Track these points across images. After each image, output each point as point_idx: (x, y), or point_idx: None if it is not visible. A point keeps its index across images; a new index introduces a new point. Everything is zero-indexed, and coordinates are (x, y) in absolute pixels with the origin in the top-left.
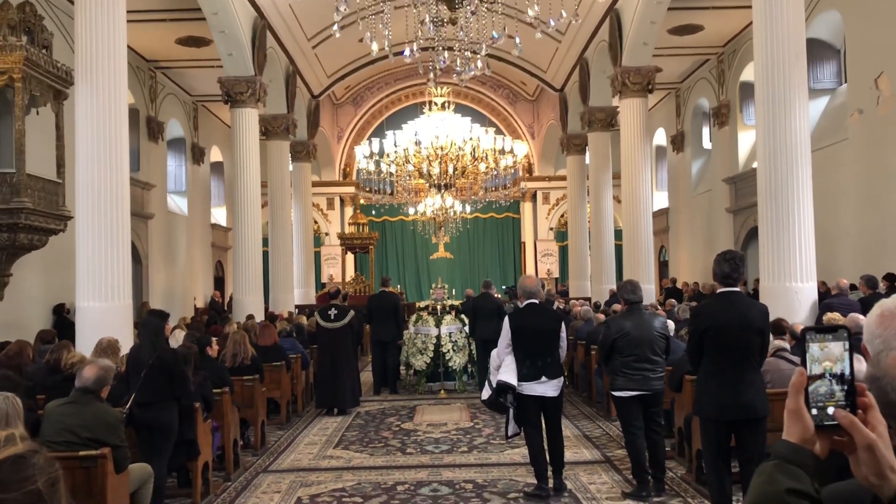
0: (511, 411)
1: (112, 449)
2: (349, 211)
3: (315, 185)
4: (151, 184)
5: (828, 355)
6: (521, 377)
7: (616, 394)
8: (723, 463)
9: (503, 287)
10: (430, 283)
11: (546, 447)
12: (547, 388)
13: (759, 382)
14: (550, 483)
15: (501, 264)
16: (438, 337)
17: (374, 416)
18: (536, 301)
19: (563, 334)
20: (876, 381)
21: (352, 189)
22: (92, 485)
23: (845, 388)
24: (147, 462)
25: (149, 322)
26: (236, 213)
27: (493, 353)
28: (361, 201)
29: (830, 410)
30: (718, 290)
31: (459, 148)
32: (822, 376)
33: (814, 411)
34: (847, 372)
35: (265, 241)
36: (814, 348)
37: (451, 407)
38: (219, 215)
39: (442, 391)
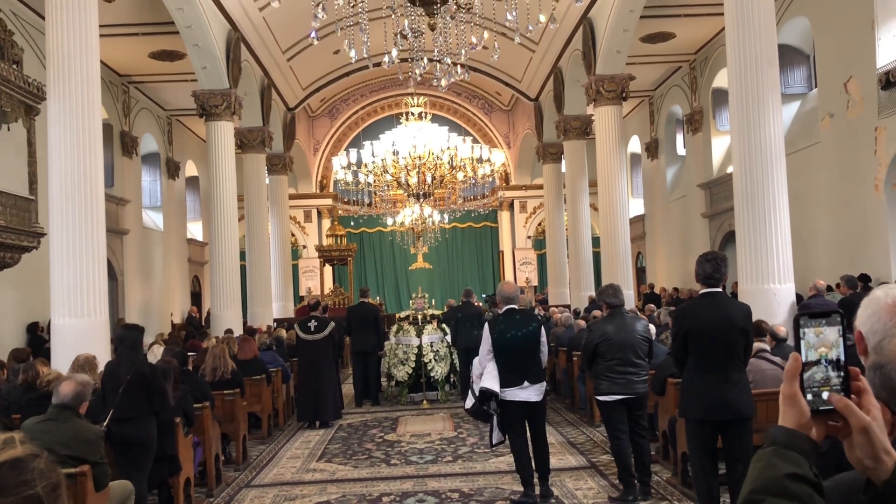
0: (495, 419)
1: (92, 466)
2: (327, 223)
3: (292, 197)
4: (126, 199)
5: (823, 341)
6: (504, 383)
7: (600, 398)
8: (710, 464)
9: (483, 296)
10: (409, 294)
11: (531, 454)
12: (530, 393)
13: (744, 382)
14: (537, 490)
15: (480, 273)
16: (420, 347)
17: (356, 428)
18: (515, 306)
19: (544, 339)
20: (879, 368)
21: (329, 201)
22: (72, 503)
23: (841, 373)
24: (127, 479)
25: (125, 336)
26: (213, 227)
27: (475, 360)
28: (339, 213)
29: (825, 395)
30: (701, 291)
31: (437, 157)
32: (817, 362)
33: (809, 397)
34: (842, 357)
35: (242, 255)
36: (809, 335)
37: (434, 417)
38: (195, 230)
39: (424, 401)
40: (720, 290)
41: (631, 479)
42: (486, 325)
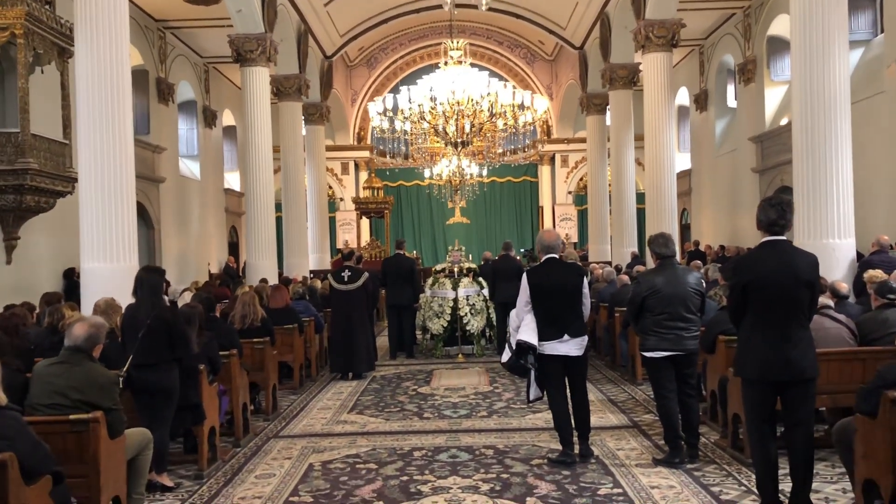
0: (532, 373)
1: (105, 412)
2: (364, 175)
3: (329, 149)
4: (162, 147)
5: None
6: (543, 336)
7: (647, 354)
8: (767, 428)
9: (521, 251)
10: (446, 248)
11: (570, 411)
12: (570, 347)
13: (807, 340)
14: (576, 449)
15: (519, 229)
16: (455, 300)
17: (389, 380)
18: (556, 256)
19: (586, 290)
20: None
21: (366, 153)
22: (84, 450)
23: None
24: (148, 427)
25: (145, 279)
26: (249, 176)
27: (512, 312)
28: (377, 165)
29: None
30: (763, 239)
31: (476, 103)
32: None
33: None
34: None
35: (279, 207)
36: None
37: (469, 371)
38: (232, 180)
39: (460, 355)
40: (785, 238)
41: (678, 440)
42: (525, 274)
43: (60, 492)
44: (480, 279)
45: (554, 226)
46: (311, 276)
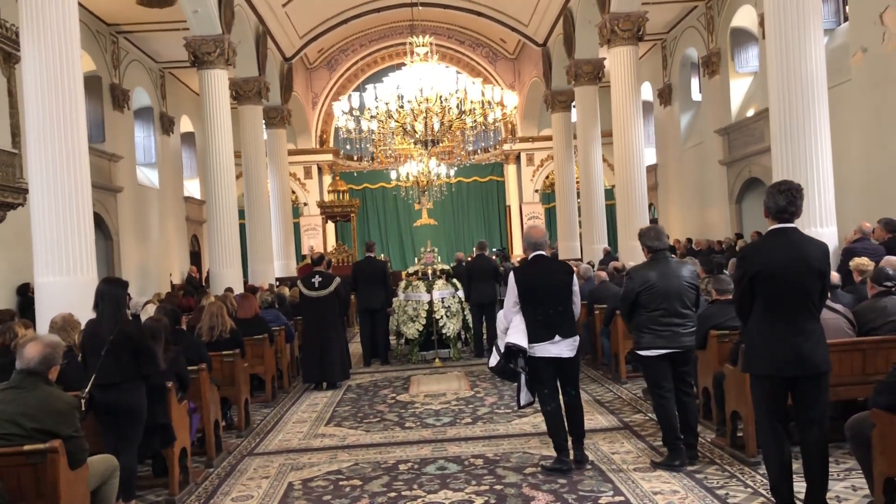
0: (523, 377)
1: (65, 440)
2: (328, 179)
3: (291, 153)
4: (119, 155)
5: None
6: (533, 338)
7: (642, 353)
8: (780, 426)
9: (493, 250)
10: (414, 251)
11: (563, 415)
12: (562, 348)
13: (819, 332)
14: (570, 455)
15: (487, 229)
16: (430, 303)
17: (366, 388)
18: (544, 253)
19: (576, 288)
20: None
21: (330, 156)
22: (41, 484)
23: None
24: (113, 452)
25: (107, 292)
26: (209, 182)
27: (499, 314)
28: (341, 168)
29: None
30: (771, 227)
31: (445, 100)
32: None
33: None
34: None
35: (242, 214)
36: None
37: (447, 376)
38: (192, 188)
39: (437, 360)
40: (794, 226)
41: (676, 442)
42: (512, 273)
43: None
44: (454, 280)
45: (522, 224)
46: (278, 283)
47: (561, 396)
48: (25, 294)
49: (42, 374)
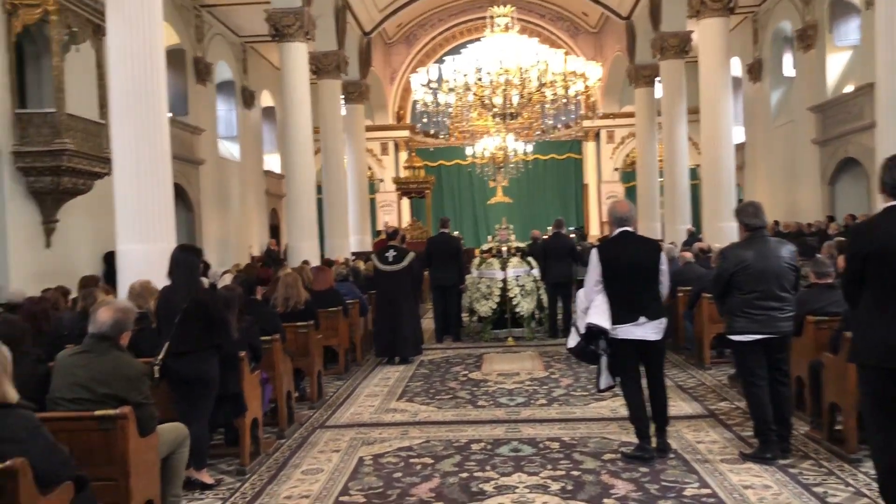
0: (604, 360)
1: (134, 407)
2: (403, 156)
3: (368, 129)
4: (201, 128)
5: None
6: (616, 319)
7: (735, 338)
8: (890, 421)
9: (570, 229)
10: (488, 229)
11: (646, 401)
12: (647, 330)
13: None
14: (653, 443)
15: (563, 208)
16: (504, 281)
17: (438, 365)
18: (630, 229)
19: (665, 267)
20: None
21: (406, 133)
22: (111, 450)
23: None
24: (185, 420)
25: (181, 259)
26: (289, 157)
27: (580, 293)
28: (417, 144)
29: None
30: (888, 204)
31: (525, 71)
32: None
33: None
34: None
35: (319, 189)
36: None
37: (521, 355)
38: (272, 162)
39: (510, 338)
40: None
41: (769, 433)
42: (595, 250)
43: (84, 499)
44: (530, 259)
45: (599, 204)
46: (353, 257)
47: (644, 381)
48: (111, 261)
49: (113, 339)
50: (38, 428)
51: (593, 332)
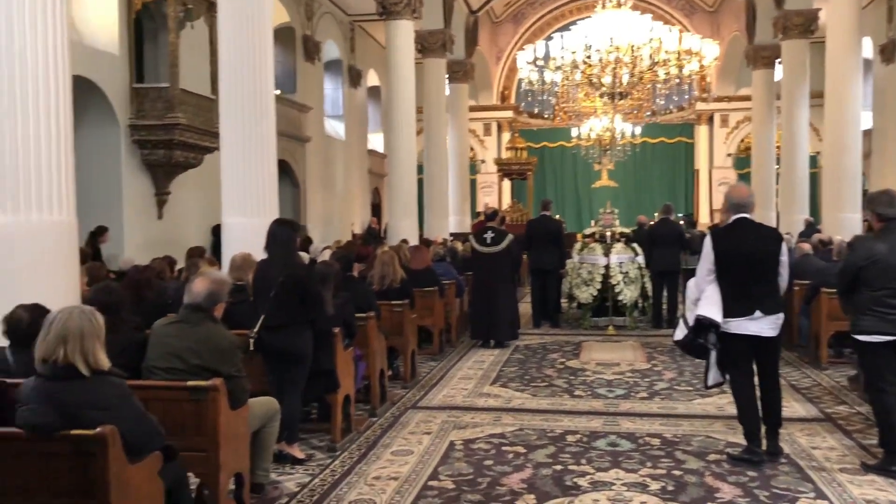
0: (713, 355)
1: (226, 380)
2: (506, 137)
3: (472, 109)
4: (308, 106)
5: None
6: (728, 312)
7: (862, 338)
8: None
9: (678, 215)
10: (591, 213)
11: (758, 401)
12: (762, 325)
13: None
14: (763, 445)
15: (671, 194)
16: (607, 267)
17: (534, 350)
18: (748, 216)
19: (785, 258)
20: None
21: (510, 113)
22: (202, 421)
23: None
24: (278, 393)
25: (277, 232)
26: (392, 136)
27: (690, 282)
28: (520, 126)
29: None
30: None
31: (637, 49)
32: None
33: None
34: None
35: (421, 169)
36: None
37: (622, 345)
38: (376, 141)
39: (610, 327)
40: None
41: None
42: (708, 237)
43: (172, 470)
44: (635, 245)
45: (711, 190)
46: (452, 238)
47: (756, 379)
48: (218, 234)
49: (207, 310)
50: (128, 396)
51: (703, 325)
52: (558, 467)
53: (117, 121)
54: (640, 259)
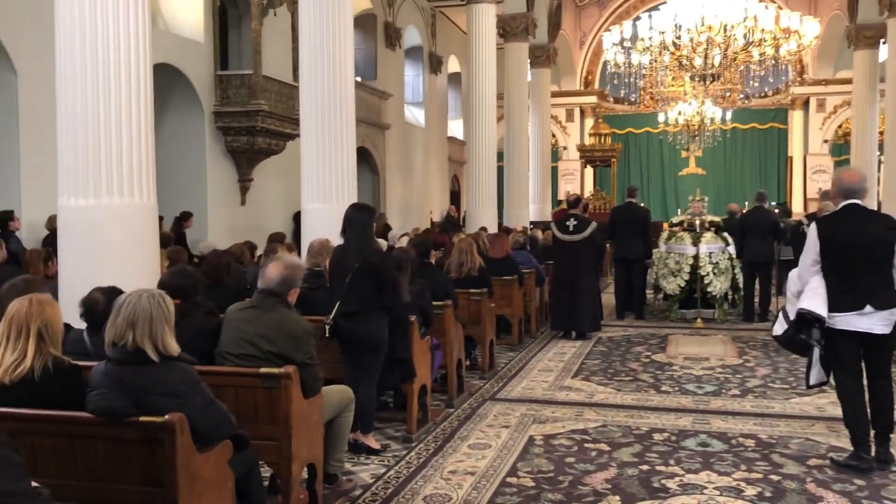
0: (816, 352)
1: (298, 367)
2: (589, 123)
3: (554, 94)
4: (388, 93)
5: None
6: (834, 306)
7: None
8: None
9: (772, 204)
10: (677, 202)
11: (867, 403)
12: (873, 321)
13: None
14: (872, 451)
15: (763, 181)
16: (696, 257)
17: (618, 343)
18: (859, 202)
19: None
20: None
21: (593, 99)
22: (275, 409)
23: None
24: (353, 381)
25: (353, 217)
26: (472, 123)
27: (792, 273)
28: (604, 111)
29: None
30: None
31: (731, 28)
32: None
33: None
34: None
35: (501, 156)
36: None
37: (711, 339)
38: (455, 128)
39: (699, 320)
40: None
41: None
42: (814, 225)
43: (242, 459)
44: (725, 235)
45: (805, 179)
46: (532, 226)
47: (865, 380)
48: (300, 220)
49: (281, 295)
50: (197, 383)
51: (806, 320)
52: (645, 467)
53: (202, 108)
54: (731, 249)
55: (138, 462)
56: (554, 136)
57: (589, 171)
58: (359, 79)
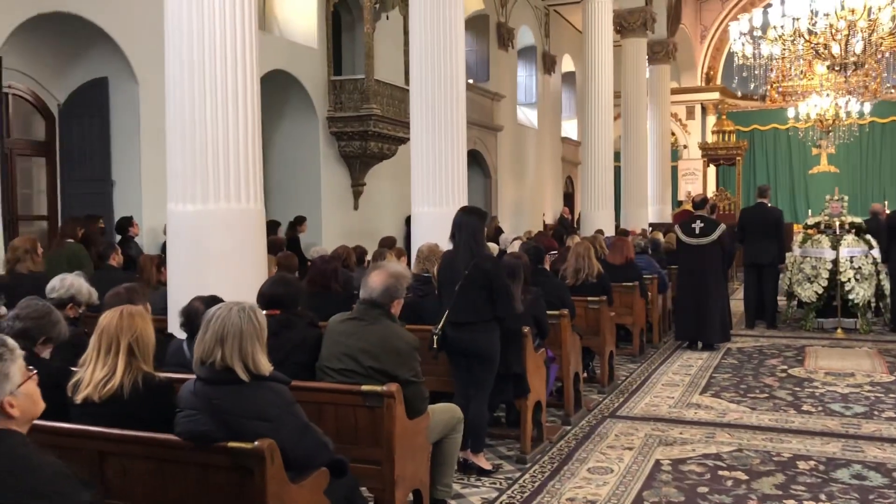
0: None
1: (402, 385)
2: (711, 120)
3: (674, 91)
4: (501, 94)
5: None
6: None
7: None
8: None
9: None
10: (807, 202)
11: None
12: None
13: None
14: None
15: None
16: (835, 262)
17: (749, 355)
18: None
19: None
20: None
21: (716, 95)
22: (376, 430)
23: None
24: (462, 397)
25: (464, 222)
26: (587, 123)
27: None
28: (728, 108)
29: None
30: None
31: (876, 11)
32: None
33: None
34: None
35: (617, 157)
36: None
37: (854, 351)
38: (569, 129)
39: (839, 330)
40: None
41: None
42: None
43: (341, 487)
44: (868, 237)
45: None
46: (651, 228)
47: None
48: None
49: (384, 306)
50: (290, 405)
51: None
52: (790, 502)
53: (316, 113)
54: (875, 253)
55: (226, 491)
56: (673, 134)
57: (711, 170)
58: (471, 81)
